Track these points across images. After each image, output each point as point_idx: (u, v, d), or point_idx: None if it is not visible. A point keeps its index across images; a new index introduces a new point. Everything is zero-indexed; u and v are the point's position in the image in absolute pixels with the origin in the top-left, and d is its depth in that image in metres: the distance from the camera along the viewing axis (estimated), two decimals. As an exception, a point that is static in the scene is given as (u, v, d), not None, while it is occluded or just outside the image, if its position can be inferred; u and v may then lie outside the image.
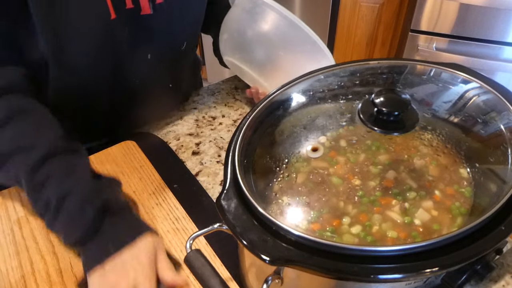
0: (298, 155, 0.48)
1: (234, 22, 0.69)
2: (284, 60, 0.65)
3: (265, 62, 0.66)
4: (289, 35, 0.64)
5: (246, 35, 0.67)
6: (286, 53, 0.64)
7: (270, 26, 0.65)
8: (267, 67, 0.66)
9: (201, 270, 0.40)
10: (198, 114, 0.80)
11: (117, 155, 0.68)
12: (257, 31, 0.66)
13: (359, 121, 0.47)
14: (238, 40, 0.69)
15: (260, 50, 0.66)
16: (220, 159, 0.70)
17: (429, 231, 0.40)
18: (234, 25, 0.69)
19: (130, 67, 0.67)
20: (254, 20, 0.66)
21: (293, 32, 0.64)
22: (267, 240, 0.36)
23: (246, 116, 0.48)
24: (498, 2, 1.45)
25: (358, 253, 0.35)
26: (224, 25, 0.71)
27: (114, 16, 0.58)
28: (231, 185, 0.41)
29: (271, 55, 0.65)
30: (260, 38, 0.65)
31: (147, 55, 0.68)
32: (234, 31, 0.69)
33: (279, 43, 0.64)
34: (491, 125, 0.46)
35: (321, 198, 0.43)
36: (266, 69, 0.66)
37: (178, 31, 0.71)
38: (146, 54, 0.68)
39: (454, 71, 0.50)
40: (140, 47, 0.66)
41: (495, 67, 1.59)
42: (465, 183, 0.43)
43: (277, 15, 0.63)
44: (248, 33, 0.67)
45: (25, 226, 0.58)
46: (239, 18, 0.69)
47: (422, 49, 1.63)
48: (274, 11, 0.64)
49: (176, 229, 0.57)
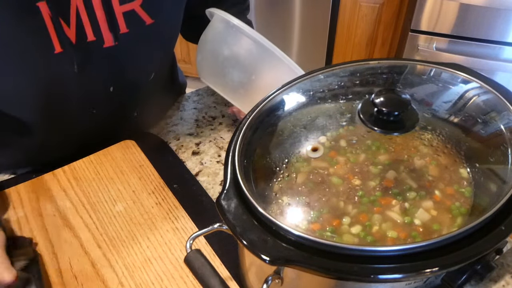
0: (298, 155, 0.48)
1: (208, 44, 0.68)
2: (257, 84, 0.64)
3: (237, 86, 0.65)
4: (260, 59, 0.63)
5: (219, 59, 0.66)
6: (258, 77, 0.64)
7: (242, 50, 0.64)
8: (240, 91, 0.65)
9: (201, 270, 0.40)
10: (198, 114, 0.80)
11: (117, 155, 0.68)
12: (229, 55, 0.65)
13: (359, 121, 0.47)
14: (212, 63, 0.68)
15: (232, 74, 0.65)
16: (220, 159, 0.70)
17: (429, 231, 0.40)
18: (208, 46, 0.68)
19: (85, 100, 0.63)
20: (226, 43, 0.65)
21: (265, 56, 0.63)
22: (267, 240, 0.36)
23: (246, 116, 0.48)
24: (498, 2, 1.45)
25: (358, 253, 0.35)
26: (199, 45, 0.70)
27: (60, 50, 0.54)
28: (231, 185, 0.41)
29: (243, 79, 0.64)
30: (232, 62, 0.65)
31: (109, 88, 0.64)
32: (208, 53, 0.68)
33: (251, 67, 0.64)
34: (491, 125, 0.46)
35: (321, 198, 0.43)
36: (239, 93, 0.66)
37: (145, 62, 0.67)
38: (107, 86, 0.64)
39: (454, 71, 0.50)
40: (100, 80, 0.62)
41: (495, 67, 1.59)
42: (465, 183, 0.43)
43: (248, 39, 0.63)
44: (220, 57, 0.66)
45: (25, 226, 0.58)
46: (213, 40, 0.67)
47: (422, 49, 1.63)
48: (245, 35, 0.63)
49: (176, 228, 0.57)
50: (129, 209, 0.60)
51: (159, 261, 0.53)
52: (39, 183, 0.64)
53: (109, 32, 0.57)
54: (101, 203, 0.61)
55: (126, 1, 0.57)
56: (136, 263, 0.53)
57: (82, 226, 0.58)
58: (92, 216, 0.59)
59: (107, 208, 0.60)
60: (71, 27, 0.54)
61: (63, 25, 0.53)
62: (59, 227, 0.58)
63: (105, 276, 0.52)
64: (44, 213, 0.60)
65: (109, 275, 0.52)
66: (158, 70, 0.71)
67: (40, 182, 0.64)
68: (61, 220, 0.58)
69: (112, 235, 0.56)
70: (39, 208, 0.60)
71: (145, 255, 0.54)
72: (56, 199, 0.61)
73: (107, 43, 0.58)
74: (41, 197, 0.62)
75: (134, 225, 0.57)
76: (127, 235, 0.56)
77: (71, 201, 0.61)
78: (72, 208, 0.60)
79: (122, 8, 0.57)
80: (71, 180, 0.64)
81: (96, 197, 0.61)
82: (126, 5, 0.57)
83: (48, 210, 0.60)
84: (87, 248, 0.55)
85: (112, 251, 0.54)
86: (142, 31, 0.60)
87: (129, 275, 0.52)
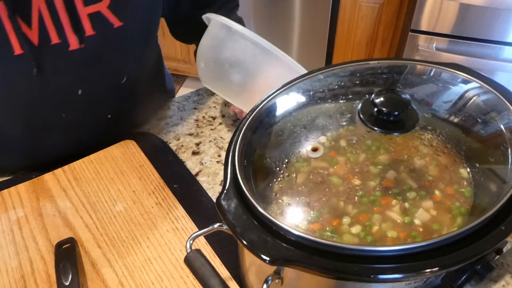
0: (298, 155, 0.48)
1: (209, 51, 0.68)
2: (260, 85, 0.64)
3: (242, 90, 0.66)
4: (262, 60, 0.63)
5: (221, 64, 0.66)
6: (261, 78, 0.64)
7: (244, 54, 0.64)
8: (245, 95, 0.66)
9: (201, 270, 0.40)
10: (198, 114, 0.80)
11: (117, 155, 0.68)
12: (231, 60, 0.65)
13: (359, 121, 0.47)
14: (214, 69, 0.68)
15: (236, 78, 0.65)
16: (220, 159, 0.70)
17: (429, 231, 0.40)
18: (209, 53, 0.68)
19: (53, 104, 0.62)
20: (227, 48, 0.65)
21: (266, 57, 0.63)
22: (267, 240, 0.36)
23: (246, 116, 0.48)
24: (498, 2, 1.45)
25: (358, 253, 0.35)
26: (199, 52, 0.69)
27: (21, 51, 0.53)
28: (231, 185, 0.41)
29: (247, 82, 0.64)
30: (234, 67, 0.65)
31: (77, 91, 0.62)
32: (210, 60, 0.68)
33: (254, 70, 0.64)
34: (491, 125, 0.46)
35: (321, 198, 0.43)
36: (244, 97, 0.66)
37: (115, 65, 0.64)
38: (75, 89, 0.62)
39: (454, 71, 0.50)
40: (67, 83, 0.60)
41: (495, 67, 1.59)
42: (465, 183, 0.43)
43: (249, 43, 0.63)
44: (223, 62, 0.66)
45: (25, 226, 0.58)
46: (214, 46, 0.67)
47: (422, 49, 1.63)
48: (246, 39, 0.63)
49: (176, 228, 0.57)
50: (129, 209, 0.60)
51: (159, 261, 0.53)
52: (39, 183, 0.64)
53: (74, 34, 0.55)
54: (101, 203, 0.61)
55: (91, 2, 0.55)
56: (136, 263, 0.53)
57: (82, 226, 0.58)
58: (92, 216, 0.59)
59: (107, 208, 0.60)
60: (33, 29, 0.53)
61: (23, 25, 0.52)
62: (59, 227, 0.58)
63: (105, 276, 0.52)
64: (44, 213, 0.60)
65: (109, 275, 0.52)
66: (133, 73, 0.68)
67: (40, 182, 0.64)
68: (61, 220, 0.58)
69: (112, 235, 0.56)
70: (39, 208, 0.60)
71: (145, 255, 0.54)
72: (56, 199, 0.61)
73: (72, 46, 0.56)
74: (41, 197, 0.62)
75: (134, 225, 0.57)
76: (127, 235, 0.56)
77: (71, 201, 0.61)
78: (72, 208, 0.60)
79: (87, 10, 0.55)
80: (71, 180, 0.64)
81: (96, 197, 0.61)
82: (91, 7, 0.55)
83: (48, 210, 0.60)
84: (87, 248, 0.55)
85: (112, 251, 0.54)
86: (110, 34, 0.58)
87: (129, 275, 0.52)
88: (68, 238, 0.55)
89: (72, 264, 0.50)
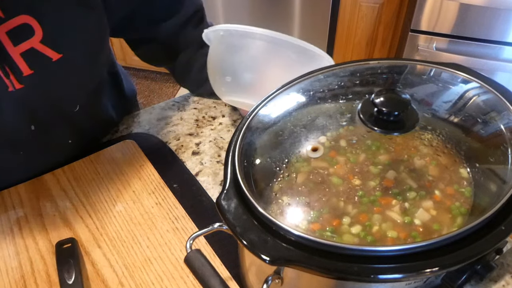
0: (298, 155, 0.48)
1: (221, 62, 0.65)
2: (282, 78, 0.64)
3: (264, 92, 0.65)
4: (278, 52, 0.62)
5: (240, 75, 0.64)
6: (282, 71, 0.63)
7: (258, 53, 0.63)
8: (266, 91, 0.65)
9: (201, 270, 0.40)
10: (198, 114, 0.80)
11: (117, 155, 0.68)
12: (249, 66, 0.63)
13: (359, 121, 0.47)
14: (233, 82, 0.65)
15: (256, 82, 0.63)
16: (220, 159, 0.70)
17: (429, 231, 0.40)
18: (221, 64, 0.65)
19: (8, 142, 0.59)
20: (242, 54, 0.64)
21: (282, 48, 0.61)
22: (267, 240, 0.36)
23: (246, 116, 0.48)
24: (498, 2, 1.45)
25: (358, 253, 0.35)
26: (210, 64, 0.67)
27: None
28: (231, 185, 0.41)
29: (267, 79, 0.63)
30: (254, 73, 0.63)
31: (29, 127, 0.59)
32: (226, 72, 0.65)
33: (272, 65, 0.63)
34: (491, 125, 0.46)
35: (321, 198, 0.43)
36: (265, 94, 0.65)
37: (63, 98, 0.61)
38: (27, 127, 0.59)
39: (454, 71, 0.50)
40: (16, 122, 0.58)
41: (495, 67, 1.59)
42: (465, 183, 0.43)
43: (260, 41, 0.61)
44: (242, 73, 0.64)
45: (25, 226, 0.58)
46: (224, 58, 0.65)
47: (422, 49, 1.63)
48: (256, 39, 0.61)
49: (176, 228, 0.57)
50: (129, 209, 0.60)
51: (159, 261, 0.53)
52: (39, 183, 0.64)
53: (8, 78, 0.52)
54: (101, 203, 0.61)
55: (21, 40, 0.51)
56: (136, 263, 0.53)
57: (82, 226, 0.58)
58: (92, 216, 0.59)
59: (107, 208, 0.60)
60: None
61: None
62: (59, 227, 0.58)
63: (105, 276, 0.52)
64: (44, 213, 0.60)
65: (109, 275, 0.52)
66: (84, 99, 0.65)
67: (40, 182, 0.64)
68: (61, 220, 0.58)
69: (112, 235, 0.56)
70: (39, 208, 0.60)
71: (145, 255, 0.54)
72: (56, 199, 0.61)
73: (11, 87, 0.53)
74: (41, 197, 0.62)
75: (134, 225, 0.57)
76: (127, 235, 0.56)
77: (71, 201, 0.61)
78: (72, 208, 0.60)
79: (18, 49, 0.51)
80: (71, 180, 0.64)
81: (96, 197, 0.61)
82: (22, 45, 0.51)
83: (48, 210, 0.60)
84: (87, 248, 0.55)
85: (112, 251, 0.54)
86: (50, 68, 0.54)
87: (129, 275, 0.52)
88: (68, 238, 0.55)
89: (75, 263, 0.50)
